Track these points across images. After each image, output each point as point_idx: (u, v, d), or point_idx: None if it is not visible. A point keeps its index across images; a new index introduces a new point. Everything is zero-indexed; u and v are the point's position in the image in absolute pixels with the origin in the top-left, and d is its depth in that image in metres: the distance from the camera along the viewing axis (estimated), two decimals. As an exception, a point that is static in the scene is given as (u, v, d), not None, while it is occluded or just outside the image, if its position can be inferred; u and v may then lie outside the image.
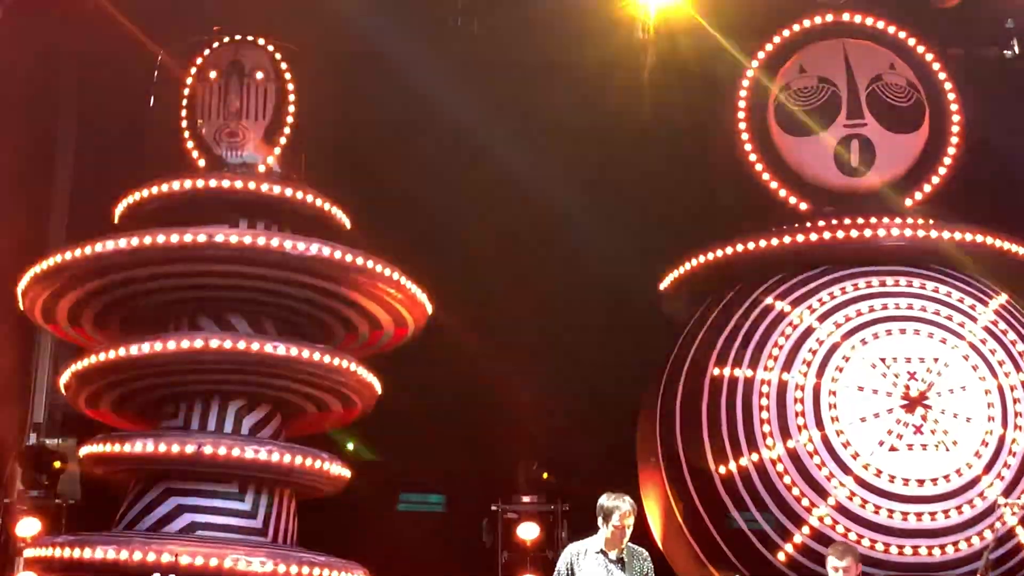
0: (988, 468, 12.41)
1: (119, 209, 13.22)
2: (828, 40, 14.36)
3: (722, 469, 12.72)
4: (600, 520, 8.87)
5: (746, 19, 14.18)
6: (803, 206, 13.92)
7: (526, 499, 13.79)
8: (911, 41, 14.18)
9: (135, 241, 11.98)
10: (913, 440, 12.44)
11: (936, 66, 14.15)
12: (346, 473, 12.62)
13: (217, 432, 12.37)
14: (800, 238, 13.46)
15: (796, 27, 14.34)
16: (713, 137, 14.60)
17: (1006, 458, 12.48)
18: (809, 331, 12.99)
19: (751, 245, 13.61)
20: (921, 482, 12.32)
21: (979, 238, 13.39)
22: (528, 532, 13.62)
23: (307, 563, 11.73)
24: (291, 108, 13.60)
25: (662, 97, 14.34)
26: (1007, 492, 12.23)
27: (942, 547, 12.17)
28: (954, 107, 14.01)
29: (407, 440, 13.55)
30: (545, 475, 14.00)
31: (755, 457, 12.60)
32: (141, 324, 12.79)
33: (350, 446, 14.59)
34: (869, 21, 14.27)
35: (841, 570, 9.20)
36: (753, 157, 14.08)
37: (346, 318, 12.93)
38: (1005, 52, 14.91)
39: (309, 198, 12.97)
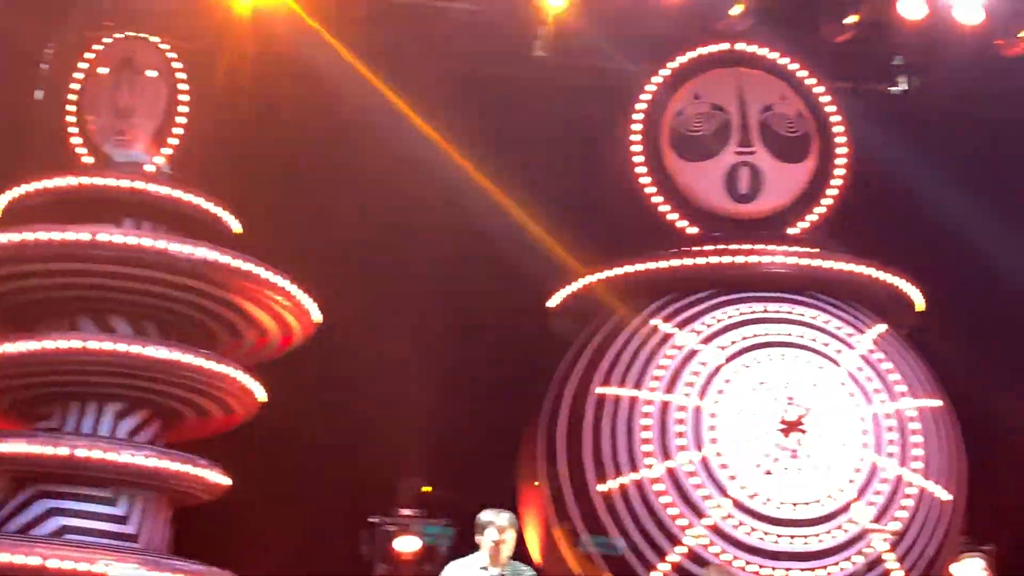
0: (860, 493, 12.68)
1: (0, 205, 12.90)
2: (723, 68, 14.62)
3: (602, 487, 12.82)
4: (478, 536, 8.83)
5: (644, 41, 14.32)
6: (692, 230, 14.11)
7: (406, 512, 13.72)
8: (801, 73, 14.48)
9: (15, 237, 11.71)
10: (789, 464, 12.67)
11: (825, 99, 14.47)
12: (224, 480, 12.44)
13: (92, 435, 12.10)
14: (688, 262, 13.64)
15: (692, 54, 14.54)
16: (607, 157, 14.72)
17: (878, 485, 12.76)
18: (693, 353, 13.16)
19: (639, 267, 13.77)
20: (795, 505, 12.55)
21: (860, 268, 13.70)
22: (407, 545, 13.55)
23: (180, 571, 11.53)
24: (183, 108, 13.38)
25: (564, 114, 14.41)
26: (877, 518, 12.50)
27: (812, 570, 12.40)
28: (841, 139, 14.34)
29: (287, 449, 13.38)
30: (426, 488, 13.95)
31: (635, 476, 12.72)
32: (20, 323, 12.47)
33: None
34: (762, 52, 14.53)
35: None
36: (646, 180, 14.24)
37: (231, 323, 12.77)
38: (891, 88, 15.27)
39: (197, 200, 12.77)
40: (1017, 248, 14.58)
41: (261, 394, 12.71)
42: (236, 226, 13.11)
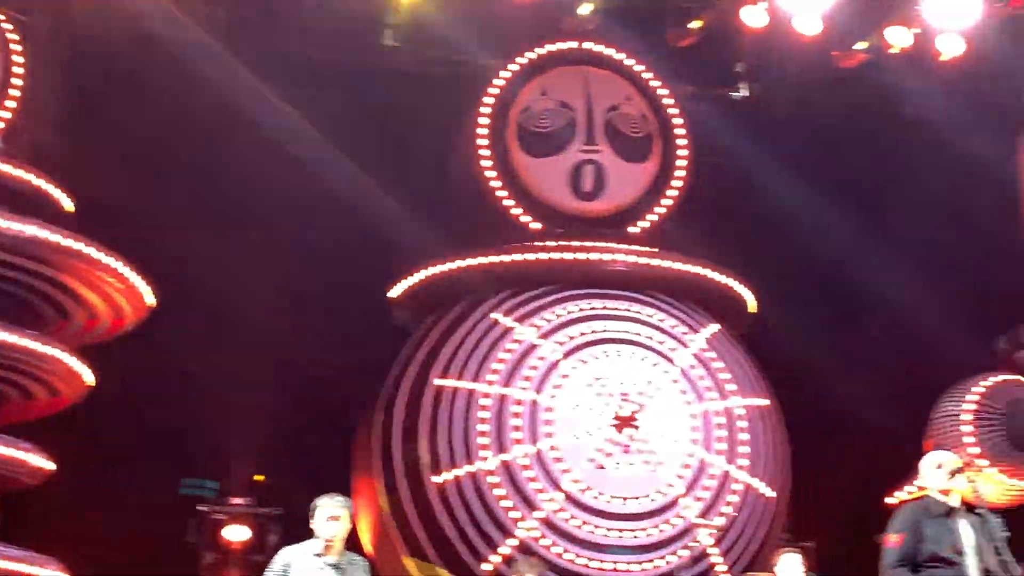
0: (689, 489, 12.95)
1: None
2: (571, 66, 14.74)
3: (436, 478, 12.84)
4: (312, 521, 8.75)
5: (495, 35, 14.37)
6: (536, 225, 14.21)
7: (236, 501, 13.54)
8: (647, 75, 14.70)
9: None
10: (621, 459, 12.86)
11: (668, 101, 14.71)
12: (48, 465, 12.08)
13: (-90, 415, 11.68)
14: (530, 257, 13.74)
15: (541, 50, 14.63)
16: (455, 150, 14.75)
17: (706, 481, 13.04)
18: (532, 348, 13.27)
19: (481, 260, 13.82)
20: (625, 500, 12.75)
21: (695, 269, 13.98)
22: (236, 534, 13.37)
23: (1, 556, 11.20)
24: (17, 81, 12.93)
25: (415, 104, 14.38)
26: (704, 513, 12.77)
27: (640, 563, 12.63)
28: (682, 142, 14.60)
29: (116, 434, 13.08)
30: (257, 477, 13.79)
31: (470, 468, 12.78)
32: None
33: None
34: (609, 52, 14.70)
35: None
36: (491, 174, 14.28)
37: (59, 304, 12.39)
38: (732, 94, 15.61)
39: (27, 176, 12.35)
40: (852, 249, 15.06)
41: (89, 377, 12.38)
42: (68, 204, 12.73)
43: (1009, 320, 14.79)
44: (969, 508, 8.40)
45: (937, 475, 8.23)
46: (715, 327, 13.99)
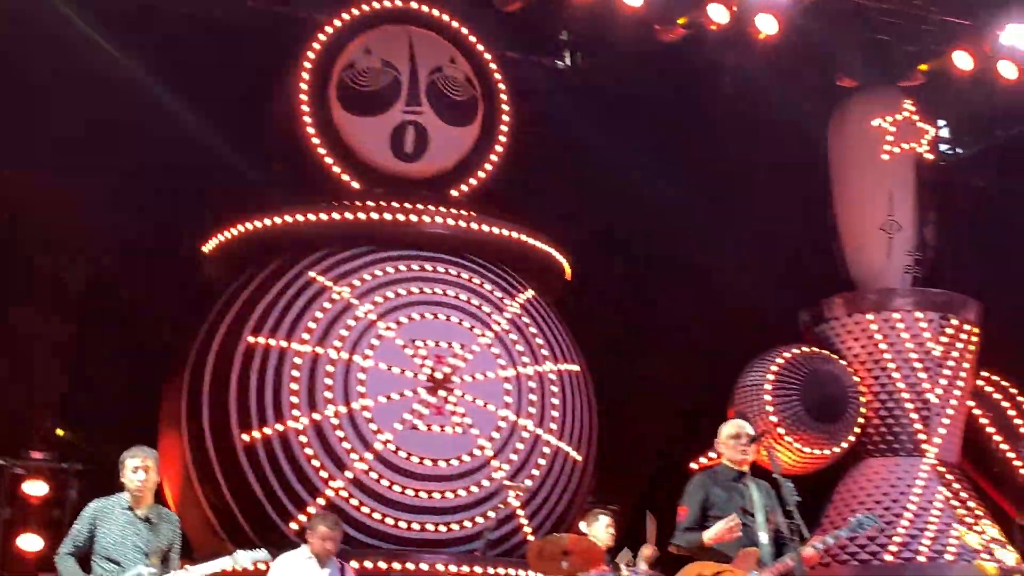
0: (498, 452, 13.08)
1: None
2: (397, 25, 14.60)
3: (245, 437, 12.70)
4: (121, 475, 8.60)
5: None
6: (355, 185, 14.10)
7: (36, 455, 13.14)
8: (471, 39, 14.69)
9: None
10: (433, 421, 12.91)
11: (492, 66, 14.74)
12: None
13: None
14: (348, 216, 13.62)
15: (365, 7, 14.47)
16: (275, 105, 14.51)
17: (516, 444, 13.20)
18: (348, 308, 13.18)
19: (298, 217, 13.64)
20: (435, 462, 12.81)
21: (512, 234, 14.08)
22: (34, 489, 12.99)
23: None
24: None
25: (243, 57, 14.12)
26: (513, 476, 12.93)
27: (447, 525, 12.72)
28: (505, 107, 14.65)
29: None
30: (59, 431, 13.42)
31: (279, 427, 12.66)
32: None
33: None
34: (435, 13, 14.63)
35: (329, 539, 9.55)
36: (311, 130, 14.08)
37: None
38: (558, 62, 15.75)
39: None
40: (670, 220, 15.40)
41: None
42: None
43: (815, 293, 15.36)
44: (763, 474, 8.73)
45: (733, 442, 8.52)
46: (531, 293, 14.14)
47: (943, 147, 15.96)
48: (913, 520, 13.64)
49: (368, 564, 12.10)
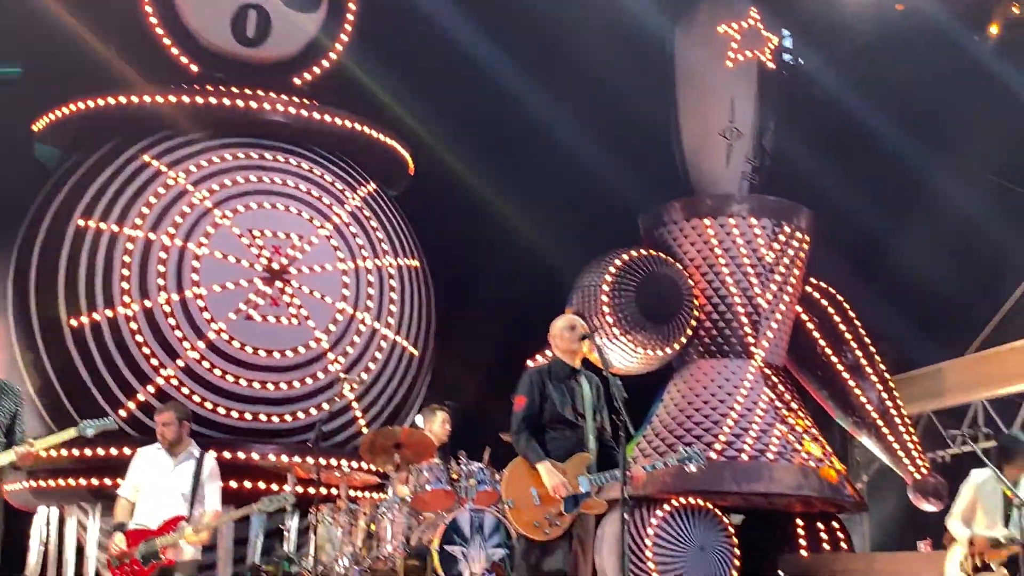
0: (335, 345, 13.02)
1: None
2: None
3: (74, 322, 12.40)
4: None
5: None
6: (193, 68, 13.70)
7: None
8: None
9: None
10: (269, 312, 12.77)
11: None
12: None
13: None
14: (185, 99, 13.24)
15: None
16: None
17: (353, 337, 13.15)
18: (183, 194, 12.89)
19: (133, 98, 13.23)
20: (270, 352, 12.70)
21: (356, 126, 13.88)
22: None
23: None
24: None
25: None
26: (349, 369, 12.90)
27: (281, 415, 12.66)
28: (351, -5, 14.34)
29: None
30: None
31: (109, 313, 12.38)
32: None
33: None
34: None
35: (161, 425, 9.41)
36: (148, 9, 13.62)
37: None
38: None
39: None
40: (518, 114, 15.34)
41: None
42: None
43: (657, 197, 15.52)
44: (595, 371, 8.85)
45: (569, 335, 8.59)
46: (373, 186, 14.00)
47: (786, 57, 16.15)
48: (738, 420, 14.05)
49: (198, 453, 11.97)
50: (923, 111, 15.42)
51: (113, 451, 11.92)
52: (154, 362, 12.35)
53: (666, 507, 13.73)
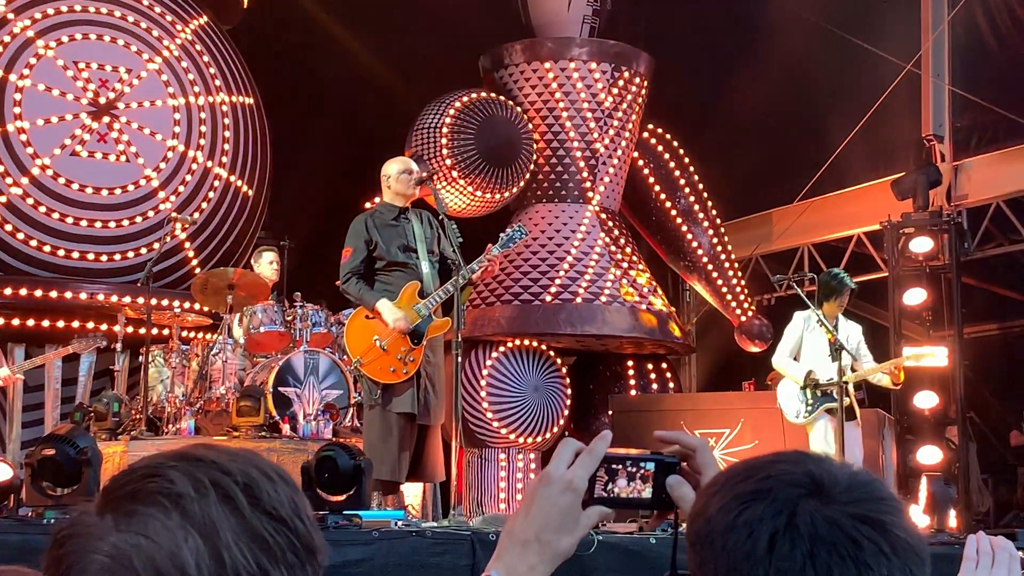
0: (166, 183, 12.70)
1: None
2: None
3: None
4: None
5: None
6: None
7: None
8: None
9: None
10: (96, 148, 12.36)
11: None
12: None
13: None
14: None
15: None
16: None
17: (185, 176, 12.83)
18: (3, 23, 12.26)
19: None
20: (98, 190, 12.32)
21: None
22: None
23: None
24: None
25: None
26: (181, 208, 12.61)
27: (110, 254, 12.36)
28: None
29: None
30: None
31: (-76, 147, 11.83)
32: None
33: None
34: None
35: None
36: None
37: None
38: None
39: None
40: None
41: None
42: None
43: (498, 40, 15.33)
44: (431, 213, 8.84)
45: (406, 177, 8.54)
46: (204, 19, 13.52)
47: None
48: (574, 263, 14.22)
49: (24, 292, 11.68)
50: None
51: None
52: (-26, 198, 11.89)
53: (501, 348, 13.93)
